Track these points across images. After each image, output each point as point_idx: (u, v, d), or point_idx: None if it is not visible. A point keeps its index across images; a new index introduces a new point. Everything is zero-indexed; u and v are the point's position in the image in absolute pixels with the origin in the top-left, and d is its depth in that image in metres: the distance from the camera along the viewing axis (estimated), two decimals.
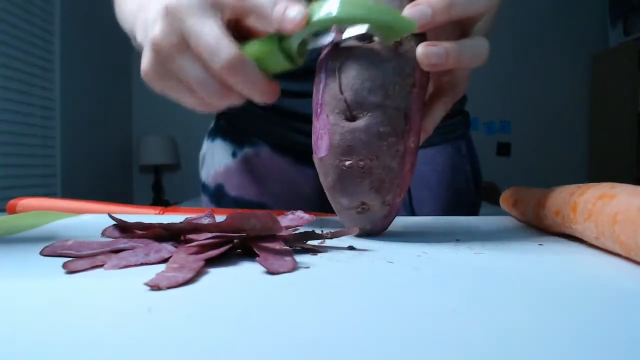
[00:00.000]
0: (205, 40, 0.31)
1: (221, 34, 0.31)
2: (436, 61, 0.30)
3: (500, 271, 0.24)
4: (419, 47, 0.31)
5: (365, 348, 0.14)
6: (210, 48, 0.31)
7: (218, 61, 0.31)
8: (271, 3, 0.31)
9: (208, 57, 0.31)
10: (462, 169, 0.64)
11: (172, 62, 0.34)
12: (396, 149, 0.31)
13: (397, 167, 0.32)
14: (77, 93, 2.55)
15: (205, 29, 0.31)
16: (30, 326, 0.15)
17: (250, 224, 0.27)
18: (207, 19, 0.32)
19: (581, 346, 0.14)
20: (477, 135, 0.69)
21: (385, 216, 0.34)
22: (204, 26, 0.31)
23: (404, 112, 0.31)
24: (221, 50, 0.31)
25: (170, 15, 0.32)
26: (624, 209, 0.26)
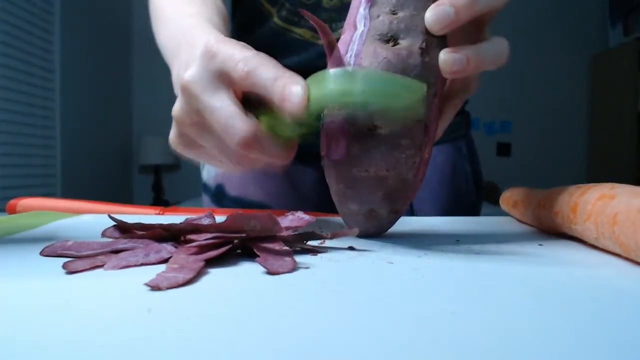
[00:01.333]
0: (219, 119, 0.31)
1: (233, 110, 0.31)
2: (457, 68, 0.30)
3: (500, 271, 0.24)
4: (441, 54, 0.30)
5: (365, 349, 0.14)
6: (224, 126, 0.31)
7: (232, 139, 0.31)
8: (273, 79, 0.30)
9: (223, 135, 0.31)
10: (463, 169, 0.64)
11: (194, 135, 0.35)
12: (413, 160, 0.31)
13: (412, 178, 0.32)
14: (77, 93, 2.55)
15: (218, 107, 0.31)
16: (30, 326, 0.15)
17: (250, 224, 0.27)
18: (218, 95, 0.31)
19: (581, 346, 0.14)
20: (477, 135, 0.69)
21: (391, 222, 0.34)
22: (217, 103, 0.31)
23: (424, 124, 0.31)
24: (234, 128, 0.30)
25: (187, 93, 0.32)
26: (624, 210, 0.26)
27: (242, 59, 0.31)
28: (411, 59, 0.30)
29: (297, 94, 0.28)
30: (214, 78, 0.32)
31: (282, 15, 0.58)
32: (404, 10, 0.31)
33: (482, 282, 0.22)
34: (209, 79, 0.32)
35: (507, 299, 0.19)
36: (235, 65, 0.31)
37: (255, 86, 0.30)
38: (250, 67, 0.30)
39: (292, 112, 0.28)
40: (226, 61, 0.31)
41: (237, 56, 0.31)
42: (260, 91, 0.30)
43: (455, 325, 0.16)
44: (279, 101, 0.29)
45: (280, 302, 0.19)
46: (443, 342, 0.15)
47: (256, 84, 0.30)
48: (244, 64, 0.30)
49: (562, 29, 3.17)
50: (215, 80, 0.32)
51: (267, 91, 0.30)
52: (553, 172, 3.15)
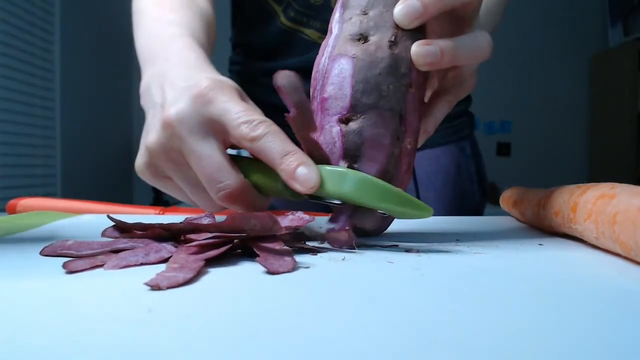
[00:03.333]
0: (205, 168, 0.30)
1: (222, 162, 0.30)
2: (431, 60, 0.30)
3: (500, 271, 0.24)
4: (413, 47, 0.30)
5: (365, 348, 0.14)
6: (211, 177, 0.30)
7: (218, 190, 0.30)
8: (282, 152, 0.29)
9: (208, 185, 0.31)
10: (467, 170, 0.64)
11: (168, 170, 0.33)
12: (391, 151, 0.31)
13: (393, 169, 0.31)
14: (77, 93, 2.55)
15: (206, 155, 0.30)
16: (30, 326, 0.15)
17: (250, 224, 0.27)
18: (207, 142, 0.31)
19: (581, 346, 0.14)
20: (477, 135, 0.68)
21: (384, 217, 0.34)
22: (204, 151, 0.30)
23: (399, 113, 0.31)
24: (223, 181, 0.30)
25: (170, 130, 0.31)
26: (624, 209, 0.26)
27: (247, 121, 0.30)
28: (379, 52, 0.30)
29: (309, 178, 0.28)
30: (205, 124, 0.31)
31: (289, 15, 0.58)
32: (374, 9, 0.31)
33: (482, 282, 0.22)
34: (198, 123, 0.31)
35: (507, 298, 0.19)
36: (238, 126, 0.30)
37: (259, 153, 0.30)
38: (257, 133, 0.30)
39: (302, 192, 0.29)
40: (224, 115, 0.30)
41: (238, 115, 0.30)
42: (264, 159, 0.30)
43: (455, 325, 0.16)
44: (287, 178, 0.29)
45: (280, 302, 0.19)
46: (443, 341, 0.15)
47: (262, 152, 0.30)
48: (249, 128, 0.30)
49: (562, 29, 3.17)
50: (205, 127, 0.31)
51: (274, 164, 0.29)
52: (553, 172, 3.15)
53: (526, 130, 3.22)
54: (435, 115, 0.35)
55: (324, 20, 0.57)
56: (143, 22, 0.45)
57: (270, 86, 0.63)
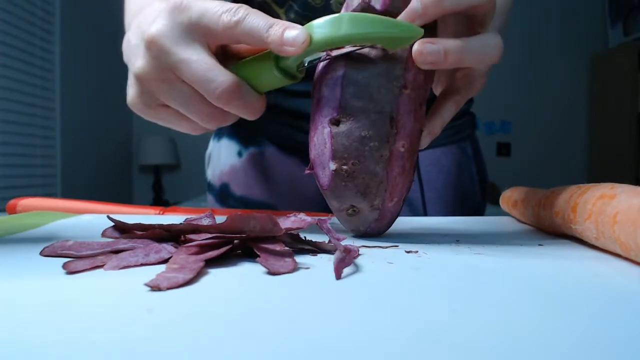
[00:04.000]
0: (197, 71, 0.31)
1: (212, 62, 0.31)
2: (432, 59, 0.29)
3: (500, 271, 0.24)
4: (415, 45, 0.30)
5: (365, 348, 0.14)
6: (204, 78, 0.30)
7: (214, 90, 0.30)
8: (266, 25, 0.30)
9: (202, 88, 0.31)
10: (468, 170, 0.64)
11: (161, 93, 0.33)
12: (380, 153, 0.31)
13: (382, 171, 0.31)
14: (77, 93, 2.55)
15: (195, 60, 0.31)
16: (30, 326, 0.15)
17: (250, 225, 0.27)
18: (192, 47, 0.31)
19: (581, 346, 0.14)
20: (478, 136, 0.69)
21: (377, 219, 0.33)
22: (192, 57, 0.31)
23: (390, 116, 0.30)
24: (216, 80, 0.30)
25: (154, 47, 0.31)
26: (624, 209, 0.26)
27: (226, 10, 0.30)
28: (372, 54, 0.30)
29: (298, 36, 0.29)
30: (187, 31, 0.31)
31: (290, 17, 0.58)
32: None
33: (482, 282, 0.22)
34: (180, 32, 0.31)
35: (507, 298, 0.19)
36: (219, 17, 0.30)
37: (245, 35, 0.30)
38: (239, 16, 0.30)
39: (295, 53, 0.29)
40: (204, 14, 0.31)
41: (217, 8, 0.31)
42: (251, 39, 0.30)
43: (456, 325, 0.16)
44: (277, 45, 0.29)
45: (280, 302, 0.19)
46: (443, 341, 0.15)
47: (247, 32, 0.30)
48: (230, 14, 0.30)
49: (562, 29, 3.17)
50: (188, 34, 0.31)
51: (262, 37, 0.30)
52: (553, 172, 3.15)
53: (526, 130, 3.22)
54: (443, 115, 0.34)
55: None
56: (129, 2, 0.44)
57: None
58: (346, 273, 0.24)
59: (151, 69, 0.32)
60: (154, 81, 0.33)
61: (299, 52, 0.29)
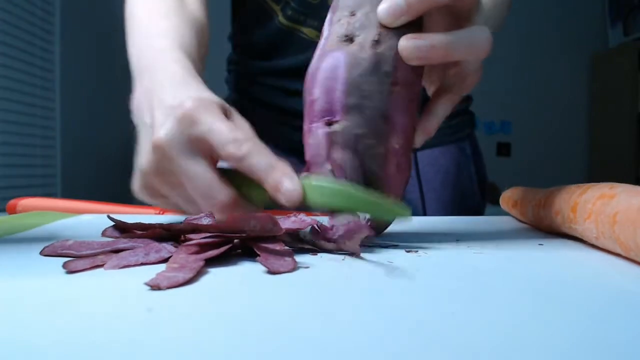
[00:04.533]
0: (197, 186, 0.31)
1: (212, 178, 0.32)
2: (419, 54, 0.29)
3: (500, 271, 0.24)
4: (401, 40, 0.29)
5: (365, 348, 0.14)
6: (204, 194, 0.31)
7: (212, 205, 0.31)
8: (267, 168, 0.31)
9: (202, 201, 0.32)
10: (467, 170, 0.64)
11: (163, 190, 0.35)
12: (375, 151, 0.31)
13: (378, 169, 0.31)
14: (77, 93, 2.55)
15: (197, 173, 0.31)
16: (30, 326, 0.15)
17: (250, 225, 0.27)
18: (196, 161, 0.32)
19: (581, 346, 0.14)
20: (477, 135, 0.68)
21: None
22: (195, 170, 0.32)
23: (383, 113, 0.30)
24: (216, 196, 0.31)
25: (159, 152, 0.32)
26: (624, 209, 0.26)
27: (232, 140, 0.31)
28: (361, 52, 0.30)
29: (292, 190, 0.30)
30: (192, 143, 0.32)
31: (287, 14, 0.58)
32: (361, 10, 0.31)
33: (482, 282, 0.22)
34: (186, 144, 0.32)
35: (507, 298, 0.19)
36: (224, 145, 0.31)
37: (246, 169, 0.31)
38: (243, 152, 0.31)
39: (285, 204, 0.30)
40: (210, 134, 0.31)
41: (225, 134, 0.31)
42: (251, 175, 0.31)
43: (455, 325, 0.16)
44: (273, 192, 0.30)
45: (280, 302, 0.19)
46: (443, 341, 0.15)
47: (248, 169, 0.31)
48: (235, 147, 0.31)
49: (562, 29, 3.17)
50: (192, 146, 0.32)
51: (260, 179, 0.31)
52: (553, 172, 3.15)
53: (526, 130, 3.21)
54: (437, 113, 0.34)
55: (322, 19, 0.57)
56: (134, 31, 0.45)
57: (268, 85, 0.63)
58: (346, 273, 0.24)
59: (155, 171, 0.34)
60: (157, 181, 0.34)
61: (291, 206, 0.30)
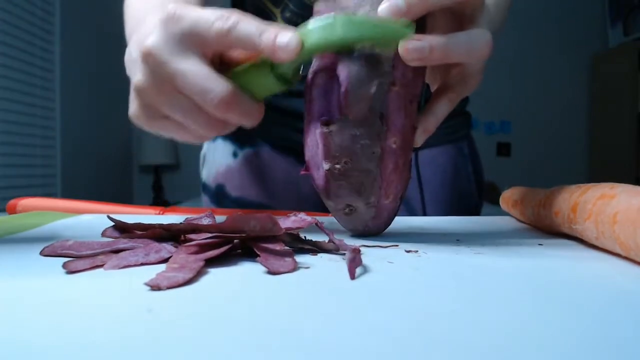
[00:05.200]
0: (193, 82, 0.30)
1: (208, 72, 0.31)
2: (418, 56, 0.29)
3: (500, 271, 0.24)
4: (401, 42, 0.29)
5: (365, 348, 0.14)
6: (201, 88, 0.30)
7: (211, 100, 0.30)
8: (258, 31, 0.30)
9: (200, 98, 0.31)
10: (465, 170, 0.64)
11: (161, 105, 0.33)
12: (372, 150, 0.31)
13: (375, 169, 0.31)
14: (77, 93, 2.55)
15: (191, 70, 0.31)
16: (30, 326, 0.15)
17: (250, 225, 0.27)
18: (187, 58, 0.31)
19: (581, 346, 0.14)
20: (477, 135, 0.69)
21: (374, 217, 0.33)
22: (188, 67, 0.31)
23: (380, 113, 0.30)
24: (213, 89, 0.30)
25: (151, 60, 0.31)
26: (624, 209, 0.26)
27: (218, 17, 0.30)
28: (361, 52, 0.30)
29: (289, 41, 0.29)
30: (181, 42, 0.31)
31: (285, 16, 0.58)
32: (361, 10, 0.31)
33: (482, 282, 0.22)
34: (175, 43, 0.31)
35: (507, 298, 0.19)
36: (211, 25, 0.30)
37: (238, 41, 0.30)
38: (231, 23, 0.30)
39: (287, 59, 0.29)
40: (196, 23, 0.30)
41: (209, 16, 0.30)
42: (244, 46, 0.30)
43: (456, 325, 0.16)
44: (270, 51, 0.29)
45: (280, 302, 0.19)
46: (443, 341, 0.15)
47: (240, 38, 0.30)
48: (222, 22, 0.30)
49: (562, 29, 3.17)
50: (182, 44, 0.31)
51: (254, 44, 0.30)
52: (553, 172, 3.15)
53: (526, 130, 3.21)
54: (436, 113, 0.34)
55: None
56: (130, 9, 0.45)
57: None
58: (346, 273, 0.24)
59: (149, 82, 0.32)
60: (153, 93, 0.33)
61: (292, 58, 0.29)
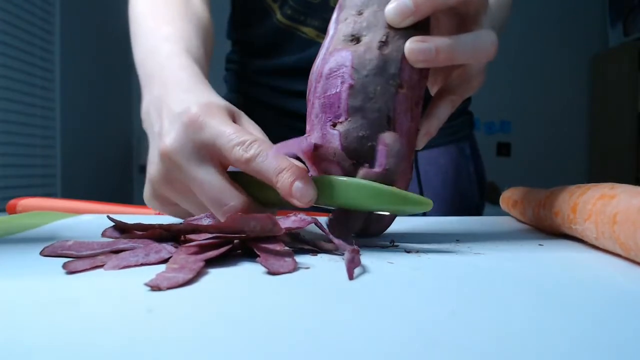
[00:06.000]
0: (208, 193, 0.31)
1: (223, 184, 0.31)
2: (424, 57, 0.29)
3: (500, 271, 0.24)
4: (407, 43, 0.30)
5: (365, 348, 0.14)
6: (215, 201, 0.31)
7: (222, 212, 0.31)
8: (276, 170, 0.30)
9: (214, 208, 0.31)
10: (466, 171, 0.64)
11: (174, 198, 0.34)
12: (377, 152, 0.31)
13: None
14: (77, 93, 2.55)
15: (207, 180, 0.31)
16: (30, 326, 0.15)
17: (250, 225, 0.27)
18: (205, 168, 0.31)
19: (581, 346, 0.14)
20: (477, 135, 0.69)
21: (377, 218, 0.34)
22: (205, 177, 0.31)
23: (387, 115, 0.30)
24: (227, 203, 0.31)
25: (168, 161, 0.32)
26: (623, 209, 0.26)
27: (239, 143, 0.30)
28: (367, 53, 0.30)
29: (305, 193, 0.29)
30: (200, 150, 0.31)
31: (285, 12, 0.58)
32: (368, 9, 0.31)
33: (482, 282, 0.22)
34: (193, 151, 0.31)
35: (507, 298, 0.19)
36: (232, 149, 0.30)
37: (256, 173, 0.30)
38: (250, 155, 0.30)
39: (300, 206, 0.29)
40: (217, 138, 0.31)
41: (231, 137, 0.31)
42: (261, 178, 0.30)
43: (455, 325, 0.16)
44: (285, 194, 0.29)
45: (280, 302, 0.19)
46: (443, 342, 0.15)
47: (258, 171, 0.30)
48: (242, 149, 0.30)
49: (562, 29, 3.17)
50: (200, 152, 0.31)
51: (271, 181, 0.30)
52: (553, 172, 3.15)
53: (526, 130, 3.21)
54: (438, 115, 0.34)
55: (323, 18, 0.57)
56: (139, 35, 0.44)
57: (266, 85, 0.63)
58: (346, 273, 0.24)
59: (164, 180, 0.33)
60: (167, 189, 0.34)
61: (305, 207, 0.30)
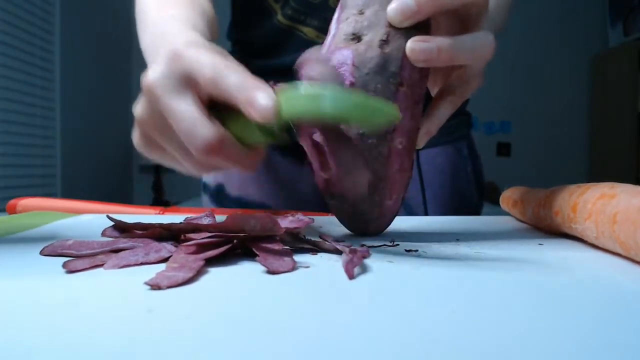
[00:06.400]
0: (181, 122, 0.30)
1: (196, 114, 0.30)
2: (425, 57, 0.29)
3: (500, 271, 0.24)
4: (409, 43, 0.30)
5: (365, 348, 0.14)
6: (187, 131, 0.30)
7: (195, 144, 0.30)
8: (238, 86, 0.29)
9: (186, 140, 0.30)
10: (464, 171, 0.64)
11: (157, 137, 0.33)
12: (378, 150, 0.31)
13: (381, 168, 0.31)
14: (77, 93, 2.55)
15: (182, 110, 0.30)
16: (30, 326, 0.15)
17: (250, 224, 0.27)
18: (181, 98, 0.30)
19: (581, 346, 0.14)
20: (477, 135, 0.69)
21: (377, 217, 0.34)
22: (180, 107, 0.30)
23: None
24: (197, 134, 0.30)
25: (149, 93, 0.31)
26: (624, 209, 0.26)
27: (210, 63, 0.30)
28: (368, 52, 0.30)
29: (264, 102, 0.28)
30: (179, 80, 0.31)
31: (286, 13, 0.58)
32: (369, 9, 0.31)
33: (482, 282, 0.22)
34: (173, 81, 0.31)
35: (507, 298, 0.19)
36: (202, 69, 0.30)
37: (220, 92, 0.30)
38: (215, 72, 0.29)
39: (259, 120, 0.28)
40: (192, 64, 0.30)
41: (204, 60, 0.30)
42: (226, 97, 0.30)
43: (455, 325, 0.16)
44: (245, 108, 0.28)
45: (280, 302, 0.19)
46: (443, 341, 0.15)
47: (221, 89, 0.29)
48: (210, 69, 0.30)
49: (562, 29, 3.17)
50: (179, 83, 0.31)
51: (232, 97, 0.29)
52: (553, 172, 3.15)
53: (526, 130, 3.22)
54: (438, 115, 0.34)
55: (323, 18, 0.57)
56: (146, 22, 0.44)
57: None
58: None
59: (146, 115, 0.32)
60: (150, 126, 0.33)
61: (265, 122, 0.28)
